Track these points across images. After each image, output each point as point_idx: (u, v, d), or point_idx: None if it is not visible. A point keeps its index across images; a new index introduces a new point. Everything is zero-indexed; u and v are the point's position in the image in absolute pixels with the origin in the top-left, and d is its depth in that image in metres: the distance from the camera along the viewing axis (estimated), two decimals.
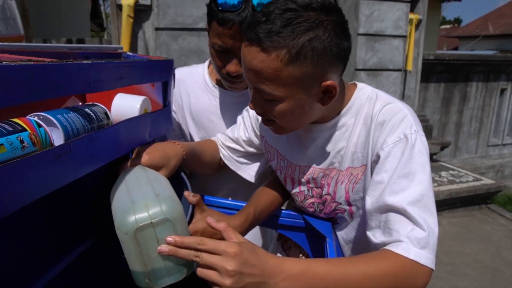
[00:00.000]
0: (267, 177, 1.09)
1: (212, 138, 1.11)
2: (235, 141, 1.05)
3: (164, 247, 0.60)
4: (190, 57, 2.98)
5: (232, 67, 0.97)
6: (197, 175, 1.19)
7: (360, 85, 0.84)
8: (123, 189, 0.69)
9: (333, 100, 0.74)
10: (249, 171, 1.07)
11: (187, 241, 0.60)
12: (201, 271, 0.59)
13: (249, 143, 1.04)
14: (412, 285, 0.64)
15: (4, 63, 0.41)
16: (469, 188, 4.13)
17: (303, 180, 0.92)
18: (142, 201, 0.62)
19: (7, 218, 0.45)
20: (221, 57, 0.97)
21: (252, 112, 1.03)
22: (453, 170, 4.67)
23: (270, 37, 0.65)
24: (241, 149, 1.05)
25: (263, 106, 0.75)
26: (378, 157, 0.74)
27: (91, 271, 0.93)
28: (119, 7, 2.85)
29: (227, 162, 1.07)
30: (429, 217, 0.67)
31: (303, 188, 0.94)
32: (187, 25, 2.97)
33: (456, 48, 16.48)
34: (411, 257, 0.63)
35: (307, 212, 0.98)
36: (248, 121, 1.04)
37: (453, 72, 4.88)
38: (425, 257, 0.64)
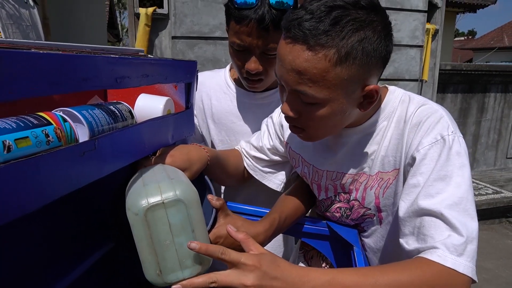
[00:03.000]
0: (290, 183, 1.05)
1: (235, 147, 1.08)
2: (260, 150, 1.02)
3: (177, 287, 0.58)
4: (206, 66, 2.99)
5: (251, 64, 0.96)
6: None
7: (391, 88, 0.81)
8: (138, 179, 0.66)
9: (372, 106, 0.71)
10: (274, 180, 1.04)
11: (211, 249, 0.58)
12: None
13: (274, 151, 1.01)
14: None
15: (33, 50, 0.39)
16: (489, 200, 4.01)
17: (330, 186, 0.89)
18: (155, 184, 0.59)
19: (26, 217, 0.43)
20: (240, 55, 0.97)
21: (276, 119, 1.01)
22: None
23: (317, 35, 0.61)
24: (266, 158, 1.02)
25: (300, 111, 0.71)
26: (413, 159, 0.70)
27: (107, 276, 0.91)
28: (137, 15, 2.88)
29: (251, 172, 1.04)
30: (469, 222, 0.62)
31: (330, 194, 0.90)
32: (203, 34, 2.98)
33: (470, 60, 16.33)
34: (448, 265, 0.58)
35: (333, 218, 0.94)
36: (272, 129, 1.01)
37: (470, 82, 4.78)
38: (464, 265, 0.59)
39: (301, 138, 0.80)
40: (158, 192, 0.57)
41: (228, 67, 1.19)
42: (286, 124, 0.96)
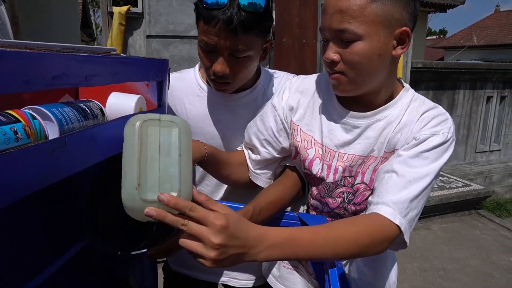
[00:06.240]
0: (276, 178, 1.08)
1: (237, 149, 1.10)
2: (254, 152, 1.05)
3: (151, 210, 0.57)
4: (181, 65, 2.98)
5: (217, 66, 0.95)
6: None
7: (406, 85, 0.91)
8: None
9: (404, 51, 0.81)
10: (265, 179, 1.06)
11: (181, 204, 0.58)
12: (185, 242, 0.58)
13: (269, 160, 1.03)
14: (382, 238, 0.73)
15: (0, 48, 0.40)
16: (459, 193, 4.16)
17: (340, 168, 0.91)
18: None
19: None
20: (208, 56, 0.97)
21: (282, 104, 0.99)
22: (442, 176, 4.72)
23: None
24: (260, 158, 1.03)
25: (341, 53, 0.80)
26: (412, 139, 0.82)
27: (84, 273, 0.91)
28: (110, 14, 2.84)
29: (251, 177, 1.06)
30: (423, 196, 0.78)
31: (337, 176, 0.92)
32: (178, 33, 2.97)
33: (442, 59, 16.83)
34: (397, 222, 0.73)
35: (333, 204, 0.95)
36: (276, 117, 0.99)
37: (441, 80, 4.94)
38: (405, 225, 0.74)
39: (335, 88, 0.86)
40: (157, 116, 0.62)
41: (197, 66, 1.16)
42: (296, 106, 0.97)
